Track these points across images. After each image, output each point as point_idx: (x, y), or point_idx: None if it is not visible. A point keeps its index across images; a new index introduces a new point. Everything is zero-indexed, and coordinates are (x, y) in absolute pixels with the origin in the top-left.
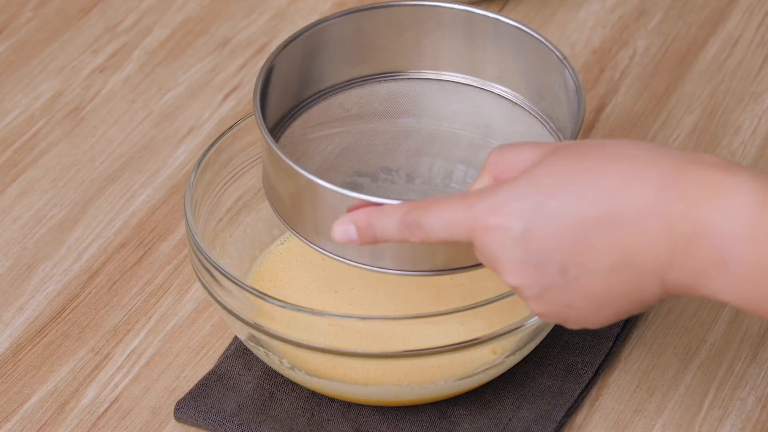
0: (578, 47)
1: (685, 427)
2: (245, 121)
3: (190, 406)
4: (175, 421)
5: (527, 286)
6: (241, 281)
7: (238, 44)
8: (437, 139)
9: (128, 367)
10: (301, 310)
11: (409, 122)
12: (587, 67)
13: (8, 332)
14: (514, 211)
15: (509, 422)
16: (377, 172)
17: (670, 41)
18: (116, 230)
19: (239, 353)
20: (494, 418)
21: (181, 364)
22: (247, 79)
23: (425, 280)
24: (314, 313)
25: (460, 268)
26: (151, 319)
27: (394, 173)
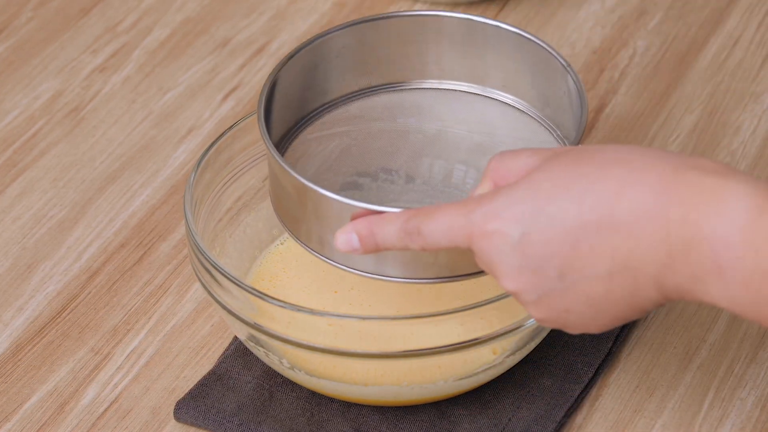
0: (578, 47)
1: (684, 426)
2: (245, 121)
3: (189, 406)
4: (174, 421)
5: (526, 291)
6: (240, 281)
7: (237, 44)
8: (439, 141)
9: (128, 367)
10: (300, 310)
11: (410, 123)
12: (587, 67)
13: (8, 332)
14: (512, 216)
15: (509, 422)
16: (377, 172)
17: (670, 41)
18: (116, 230)
19: (239, 353)
20: (494, 418)
21: (180, 364)
22: (247, 79)
23: None
24: (314, 313)
25: (464, 275)
26: (150, 319)
27: (394, 173)
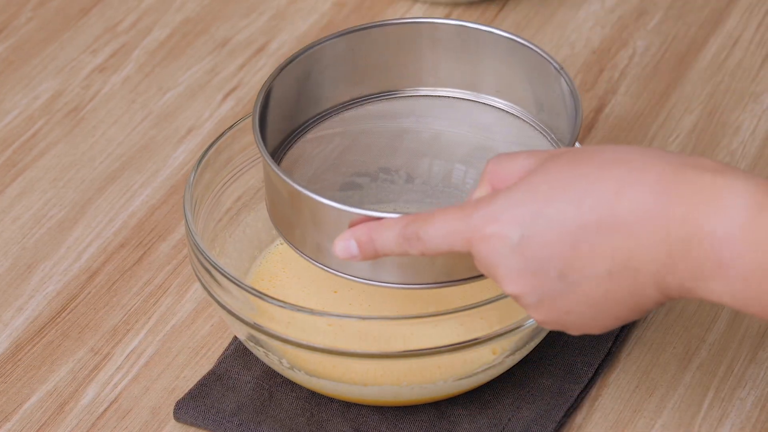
0: (578, 47)
1: (684, 426)
2: (244, 121)
3: (189, 406)
4: (174, 421)
5: (526, 293)
6: (240, 281)
7: (237, 44)
8: (436, 143)
9: (128, 367)
10: (300, 310)
11: (407, 128)
12: (587, 67)
13: (8, 332)
14: (511, 218)
15: (509, 422)
16: (377, 172)
17: (669, 41)
18: (116, 230)
19: (239, 353)
20: (494, 418)
21: (180, 364)
22: (246, 79)
23: None
24: (314, 313)
25: (461, 279)
26: (150, 319)
27: (393, 173)
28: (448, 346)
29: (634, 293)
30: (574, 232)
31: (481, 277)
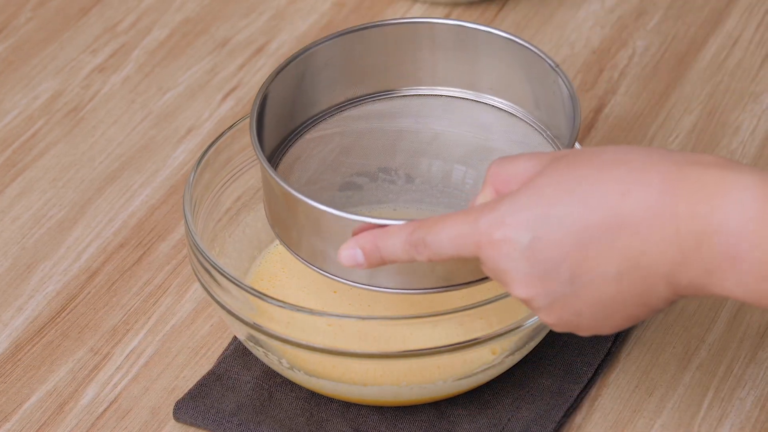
0: (577, 47)
1: (684, 426)
2: (244, 121)
3: (189, 406)
4: (174, 421)
5: (537, 296)
6: (240, 281)
7: (237, 44)
8: (435, 143)
9: (127, 367)
10: (300, 310)
11: (406, 127)
12: (586, 67)
13: (7, 332)
14: (519, 222)
15: (508, 422)
16: (376, 172)
17: (669, 41)
18: (115, 230)
19: (238, 353)
20: (493, 418)
21: (180, 364)
22: (246, 79)
23: None
24: (313, 313)
25: (461, 284)
26: (150, 319)
27: (392, 173)
28: (447, 346)
29: (645, 292)
30: (582, 233)
31: (481, 280)
